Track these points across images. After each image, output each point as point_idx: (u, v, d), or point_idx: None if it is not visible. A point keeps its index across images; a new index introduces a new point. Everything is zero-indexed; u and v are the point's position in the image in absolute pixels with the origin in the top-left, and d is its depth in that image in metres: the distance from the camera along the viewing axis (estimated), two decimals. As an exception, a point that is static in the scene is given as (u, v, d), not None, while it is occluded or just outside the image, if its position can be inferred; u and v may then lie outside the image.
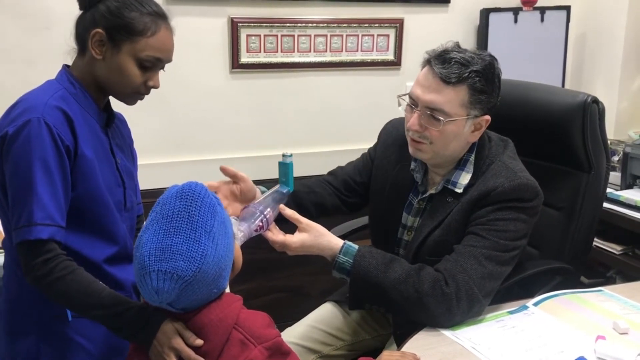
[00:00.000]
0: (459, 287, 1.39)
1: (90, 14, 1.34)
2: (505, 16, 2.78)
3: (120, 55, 1.33)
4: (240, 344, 1.18)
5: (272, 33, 2.52)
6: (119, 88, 1.38)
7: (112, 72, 1.35)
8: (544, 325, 1.41)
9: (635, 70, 2.88)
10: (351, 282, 1.46)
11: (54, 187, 1.28)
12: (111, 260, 1.42)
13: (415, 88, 1.49)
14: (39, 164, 1.26)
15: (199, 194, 1.15)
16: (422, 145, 1.50)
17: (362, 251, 1.46)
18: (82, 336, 1.40)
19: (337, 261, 1.45)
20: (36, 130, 1.26)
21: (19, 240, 1.26)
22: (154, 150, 2.45)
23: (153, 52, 1.34)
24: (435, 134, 1.46)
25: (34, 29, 2.22)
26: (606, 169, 1.79)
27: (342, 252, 1.46)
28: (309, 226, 1.46)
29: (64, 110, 1.31)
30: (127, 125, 1.59)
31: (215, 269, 1.13)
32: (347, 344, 1.75)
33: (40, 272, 1.25)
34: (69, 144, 1.30)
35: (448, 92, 1.43)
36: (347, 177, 1.78)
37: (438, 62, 1.44)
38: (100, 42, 1.33)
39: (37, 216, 1.25)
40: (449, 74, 1.42)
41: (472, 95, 1.44)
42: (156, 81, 1.40)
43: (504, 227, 1.45)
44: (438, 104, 1.43)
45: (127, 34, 1.32)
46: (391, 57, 2.73)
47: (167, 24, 1.38)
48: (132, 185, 1.53)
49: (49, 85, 1.38)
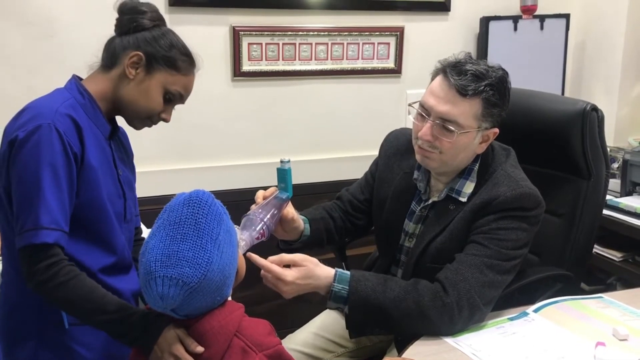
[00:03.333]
0: (460, 296, 1.39)
1: (134, 37, 1.41)
2: (505, 24, 2.79)
3: (152, 81, 1.41)
4: (241, 352, 1.18)
5: (273, 41, 2.54)
6: (138, 110, 1.44)
7: (138, 94, 1.42)
8: (544, 332, 1.42)
9: (634, 77, 2.89)
10: (350, 309, 1.41)
11: (61, 193, 1.29)
12: (108, 270, 1.42)
13: (428, 97, 1.48)
14: (47, 169, 1.27)
15: (206, 201, 1.16)
16: (432, 154, 1.49)
17: (355, 276, 1.42)
18: (81, 344, 1.40)
19: (333, 290, 1.40)
20: (47, 136, 1.28)
21: (23, 244, 1.26)
22: (156, 158, 2.46)
23: (180, 88, 1.45)
24: (446, 145, 1.46)
25: (38, 37, 2.23)
26: (606, 176, 1.80)
27: (336, 280, 1.41)
28: (303, 260, 1.40)
29: (73, 118, 1.33)
30: (128, 140, 1.62)
31: (219, 277, 1.14)
32: (349, 350, 1.75)
33: (43, 277, 1.26)
34: (77, 152, 1.32)
35: (463, 104, 1.43)
36: (352, 197, 1.80)
37: (454, 72, 1.43)
38: (137, 64, 1.40)
39: (44, 220, 1.26)
40: (466, 86, 1.41)
41: (485, 109, 1.45)
42: (168, 115, 1.49)
43: (505, 237, 1.45)
44: (452, 116, 1.43)
45: (165, 66, 1.41)
46: (392, 65, 2.75)
47: (194, 72, 1.48)
48: (133, 197, 1.55)
49: (59, 93, 1.40)
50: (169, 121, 1.49)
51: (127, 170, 1.54)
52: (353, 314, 1.42)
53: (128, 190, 1.50)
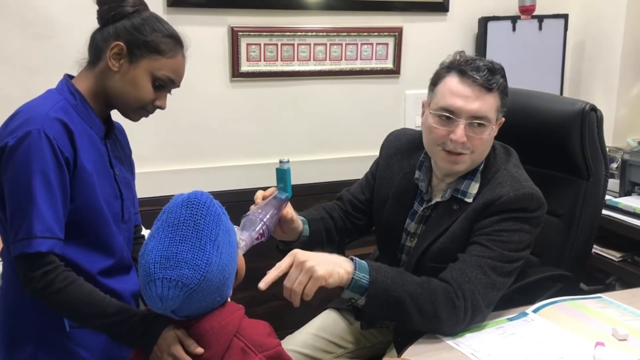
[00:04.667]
0: (466, 298, 1.39)
1: (113, 27, 1.37)
2: (504, 25, 2.80)
3: (137, 70, 1.36)
4: (241, 352, 1.18)
5: (272, 42, 2.53)
6: (129, 102, 1.40)
7: (125, 86, 1.37)
8: (544, 332, 1.42)
9: (633, 77, 2.89)
10: (368, 299, 1.36)
11: (53, 200, 1.27)
12: (106, 272, 1.41)
13: (453, 99, 1.45)
14: (39, 177, 1.26)
15: (204, 202, 1.16)
16: (463, 157, 1.47)
17: (374, 266, 1.38)
18: (81, 346, 1.40)
19: (354, 278, 1.34)
20: (36, 142, 1.26)
21: (17, 253, 1.26)
22: (154, 158, 2.46)
23: (168, 72, 1.39)
24: (478, 143, 1.46)
25: (37, 37, 2.23)
26: (605, 176, 1.80)
27: (357, 268, 1.35)
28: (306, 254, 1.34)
29: (64, 122, 1.31)
30: (126, 135, 1.59)
31: (219, 278, 1.14)
32: (348, 351, 1.75)
33: (40, 284, 1.25)
34: (68, 156, 1.30)
35: (489, 98, 1.45)
36: (352, 198, 1.79)
37: (472, 70, 1.44)
38: (119, 54, 1.36)
39: (37, 229, 1.25)
40: (489, 80, 1.44)
41: (501, 100, 1.48)
42: (163, 102, 1.44)
43: (508, 238, 1.45)
44: (483, 112, 1.44)
45: (148, 51, 1.36)
46: (390, 66, 2.75)
47: (183, 52, 1.43)
48: (130, 196, 1.53)
49: (49, 95, 1.38)
50: (164, 108, 1.45)
51: (125, 168, 1.52)
52: (370, 304, 1.37)
53: (125, 189, 1.48)
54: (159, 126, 2.43)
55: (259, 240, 1.41)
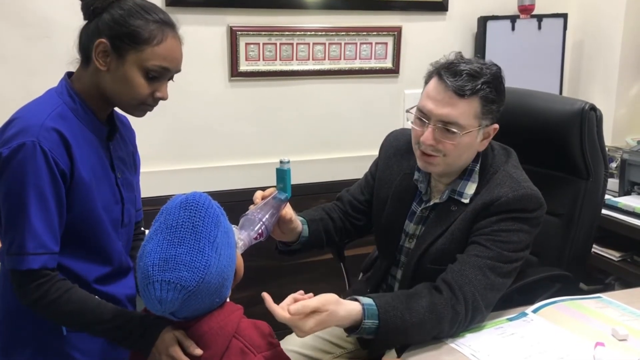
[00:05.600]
0: (467, 300, 1.39)
1: (94, 23, 1.29)
2: (503, 24, 2.79)
3: (126, 65, 1.28)
4: (240, 353, 1.18)
5: (270, 41, 2.53)
6: (126, 100, 1.32)
7: (117, 84, 1.30)
8: (543, 332, 1.42)
9: (632, 77, 2.89)
10: (379, 338, 1.33)
11: (47, 214, 1.24)
12: (102, 279, 1.40)
13: (426, 102, 1.46)
14: (32, 191, 1.22)
15: (202, 204, 1.16)
16: (435, 158, 1.48)
17: (382, 307, 1.33)
18: (78, 350, 1.38)
19: (364, 327, 1.31)
20: (31, 155, 1.22)
21: (10, 268, 1.25)
22: (153, 158, 2.45)
23: (159, 61, 1.29)
24: (449, 147, 1.45)
25: (35, 37, 2.22)
26: (604, 175, 1.80)
27: (366, 316, 1.31)
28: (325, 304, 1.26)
29: (60, 132, 1.26)
30: (132, 129, 1.54)
31: (218, 279, 1.13)
32: (347, 351, 1.75)
33: (34, 296, 1.25)
34: (64, 168, 1.26)
35: (462, 104, 1.42)
36: (352, 198, 1.79)
37: (449, 74, 1.42)
38: (105, 52, 1.28)
39: (29, 246, 1.23)
40: (463, 87, 1.41)
41: (484, 106, 1.44)
42: (164, 92, 1.34)
43: (507, 239, 1.45)
44: (453, 117, 1.42)
45: (131, 43, 1.26)
46: (389, 65, 2.75)
47: (174, 33, 1.33)
48: (132, 198, 1.49)
49: (49, 98, 1.33)
50: (166, 98, 1.35)
51: (127, 170, 1.47)
52: (379, 341, 1.35)
53: (127, 192, 1.45)
54: (158, 126, 2.43)
55: (257, 240, 1.40)
